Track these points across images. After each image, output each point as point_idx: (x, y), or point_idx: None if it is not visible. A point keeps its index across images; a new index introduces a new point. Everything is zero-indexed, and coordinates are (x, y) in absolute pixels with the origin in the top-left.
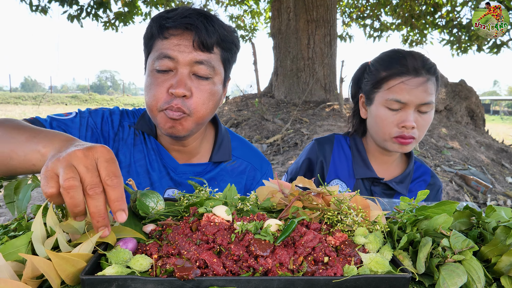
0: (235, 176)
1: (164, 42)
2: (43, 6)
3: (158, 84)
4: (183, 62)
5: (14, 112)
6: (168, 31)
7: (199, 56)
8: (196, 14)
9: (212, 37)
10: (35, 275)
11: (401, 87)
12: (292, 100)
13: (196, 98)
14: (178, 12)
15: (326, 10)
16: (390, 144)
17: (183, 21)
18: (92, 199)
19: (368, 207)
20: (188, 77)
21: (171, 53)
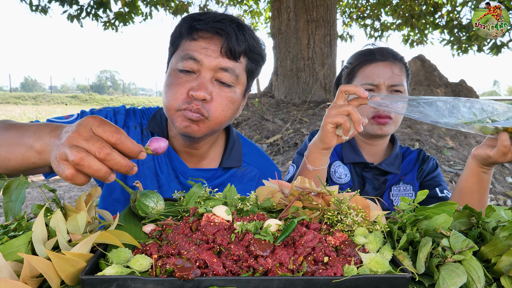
0: (244, 182)
1: (191, 43)
2: (43, 6)
3: (179, 84)
4: (208, 67)
5: (14, 112)
6: (198, 33)
7: (225, 63)
8: (229, 20)
9: (241, 45)
10: (34, 274)
11: (371, 71)
12: (292, 100)
13: (216, 103)
14: (211, 15)
15: (326, 10)
16: (370, 126)
17: (215, 25)
18: (107, 160)
19: (368, 207)
20: (210, 81)
21: (197, 55)
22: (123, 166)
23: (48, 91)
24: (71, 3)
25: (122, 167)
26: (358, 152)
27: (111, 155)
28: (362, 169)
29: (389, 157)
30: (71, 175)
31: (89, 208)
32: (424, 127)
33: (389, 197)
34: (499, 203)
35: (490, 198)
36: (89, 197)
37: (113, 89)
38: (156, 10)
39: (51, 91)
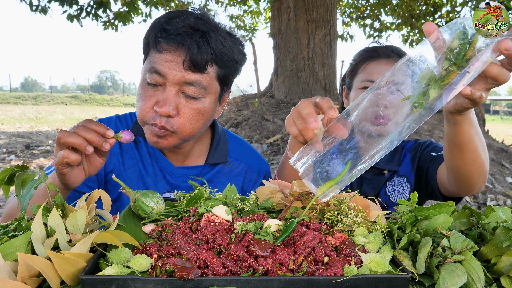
0: (232, 178)
1: (157, 56)
2: (43, 6)
3: (146, 98)
4: (172, 81)
5: (14, 112)
6: (161, 45)
7: (189, 76)
8: (192, 30)
9: (205, 57)
10: (32, 274)
11: (373, 68)
12: (292, 100)
13: (182, 118)
14: (176, 25)
15: (326, 10)
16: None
17: (176, 38)
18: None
19: (368, 207)
20: (176, 95)
21: (162, 69)
22: (93, 136)
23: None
24: (71, 3)
25: (93, 137)
26: None
27: (82, 129)
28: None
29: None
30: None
31: (90, 209)
32: (424, 127)
33: (386, 193)
34: (499, 203)
35: (490, 198)
36: (91, 199)
37: (113, 89)
38: (156, 10)
39: (51, 91)
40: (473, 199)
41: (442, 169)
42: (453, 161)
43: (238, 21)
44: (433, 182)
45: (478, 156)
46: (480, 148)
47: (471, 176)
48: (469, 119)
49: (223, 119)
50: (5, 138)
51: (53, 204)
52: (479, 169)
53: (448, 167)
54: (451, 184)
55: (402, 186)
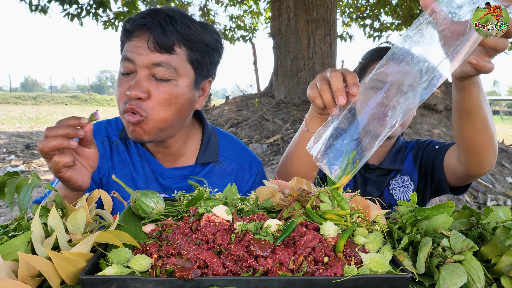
0: (223, 177)
1: (127, 45)
2: (42, 5)
3: (119, 86)
4: (141, 64)
5: (14, 112)
6: (129, 33)
7: (157, 57)
8: (154, 13)
9: (170, 37)
10: (32, 274)
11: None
12: (292, 100)
13: (154, 100)
14: (140, 13)
15: (326, 10)
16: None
17: (139, 21)
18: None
19: (368, 207)
20: (147, 79)
21: (130, 55)
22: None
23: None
24: (70, 3)
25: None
26: None
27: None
28: (365, 170)
29: (389, 154)
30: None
31: (90, 209)
32: (424, 127)
33: (389, 191)
34: (499, 203)
35: (490, 198)
36: (91, 199)
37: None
38: None
39: (51, 91)
40: (473, 199)
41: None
42: (464, 132)
43: (238, 21)
44: (440, 172)
45: (488, 125)
46: (489, 116)
47: (482, 147)
48: (477, 83)
49: (223, 119)
50: (5, 138)
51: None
52: (490, 139)
53: (459, 142)
54: (462, 163)
55: (405, 184)
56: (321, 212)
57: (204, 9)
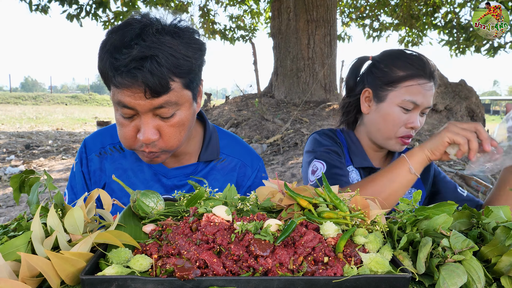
0: (225, 174)
1: (118, 92)
2: (43, 5)
3: (125, 127)
4: (143, 110)
5: (14, 112)
6: (117, 80)
7: (157, 101)
8: (140, 60)
9: (162, 81)
10: (33, 274)
11: (418, 89)
12: (292, 100)
13: (166, 137)
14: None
15: (326, 10)
16: (393, 143)
17: (128, 74)
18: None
19: (368, 207)
20: (153, 119)
21: (128, 103)
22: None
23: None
24: (70, 3)
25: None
26: (365, 157)
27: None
28: (368, 173)
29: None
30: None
31: (89, 209)
32: (424, 127)
33: None
34: None
35: None
36: (90, 199)
37: None
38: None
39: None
40: None
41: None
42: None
43: (238, 21)
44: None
45: None
46: None
47: None
48: None
49: (223, 119)
50: (5, 138)
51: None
52: None
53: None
54: None
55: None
56: (320, 211)
57: (204, 9)
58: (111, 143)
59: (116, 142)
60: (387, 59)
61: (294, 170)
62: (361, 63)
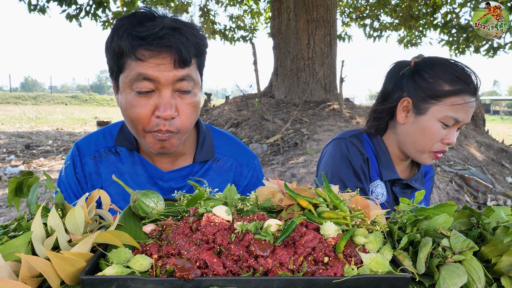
0: (222, 174)
1: (140, 64)
2: (41, 5)
3: (141, 106)
4: (166, 82)
5: (14, 112)
6: (143, 52)
7: (180, 73)
8: (170, 30)
9: (190, 52)
10: (33, 274)
11: (463, 107)
12: (292, 100)
13: (183, 116)
14: (150, 31)
15: (326, 10)
16: (426, 157)
17: (160, 42)
18: None
19: (368, 207)
20: (172, 95)
21: (151, 74)
22: None
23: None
24: (69, 3)
25: None
26: (393, 169)
27: None
28: (392, 183)
29: (418, 172)
30: None
31: (90, 209)
32: None
33: None
34: (499, 203)
35: (490, 198)
36: (90, 199)
37: None
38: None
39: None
40: (473, 199)
41: None
42: None
43: (238, 21)
44: None
45: None
46: None
47: None
48: None
49: (223, 119)
50: (5, 138)
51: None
52: None
53: None
54: None
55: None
56: (320, 211)
57: (204, 9)
58: (105, 146)
59: (111, 146)
60: (433, 69)
61: (294, 170)
62: (400, 68)
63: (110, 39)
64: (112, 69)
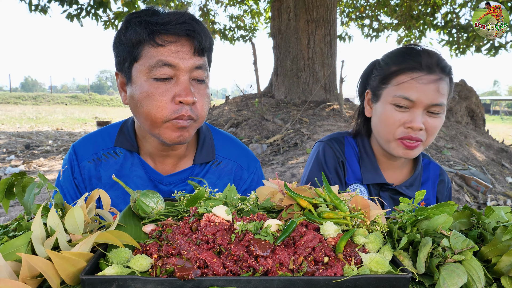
0: (222, 177)
1: (159, 50)
2: (42, 5)
3: (160, 94)
4: (185, 69)
5: (14, 112)
6: (163, 37)
7: (198, 61)
8: (191, 19)
9: (207, 41)
10: (33, 274)
11: (411, 84)
12: (292, 100)
13: (200, 103)
14: (171, 18)
15: (326, 10)
16: (394, 147)
17: (183, 27)
18: None
19: (368, 207)
20: (190, 83)
21: (171, 60)
22: None
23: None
24: (70, 3)
25: None
26: (378, 172)
27: None
28: (380, 188)
29: (411, 178)
30: None
31: (90, 209)
32: None
33: None
34: (499, 203)
35: (490, 198)
36: (90, 199)
37: (113, 89)
38: None
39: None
40: (473, 199)
41: None
42: None
43: (238, 21)
44: None
45: None
46: None
47: None
48: None
49: (223, 119)
50: (5, 138)
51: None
52: None
53: None
54: None
55: None
56: (320, 211)
57: (204, 9)
58: (104, 148)
59: (110, 147)
60: (387, 56)
61: (294, 170)
62: (371, 66)
63: (124, 30)
64: (123, 61)
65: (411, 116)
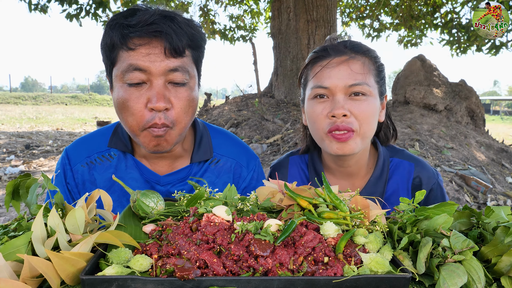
0: (221, 175)
1: (130, 54)
2: (42, 5)
3: (133, 100)
4: (157, 73)
5: (14, 112)
6: (133, 40)
7: (172, 63)
8: (161, 17)
9: (183, 40)
10: (34, 275)
11: (323, 71)
12: (292, 100)
13: (177, 109)
14: (140, 18)
15: (326, 10)
16: (328, 144)
17: (149, 28)
18: None
19: (368, 207)
20: (165, 87)
21: (142, 64)
22: None
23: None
24: (70, 2)
25: None
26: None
27: None
28: None
29: (368, 183)
30: None
31: (90, 209)
32: (424, 127)
33: None
34: (499, 203)
35: (490, 198)
36: (91, 199)
37: None
38: None
39: (51, 91)
40: (473, 199)
41: None
42: None
43: (238, 21)
44: None
45: None
46: None
47: None
48: None
49: (223, 119)
50: (5, 138)
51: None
52: None
53: None
54: None
55: None
56: (320, 212)
57: (204, 9)
58: (98, 151)
59: (104, 150)
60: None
61: None
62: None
63: (104, 33)
64: (106, 66)
65: (331, 105)
